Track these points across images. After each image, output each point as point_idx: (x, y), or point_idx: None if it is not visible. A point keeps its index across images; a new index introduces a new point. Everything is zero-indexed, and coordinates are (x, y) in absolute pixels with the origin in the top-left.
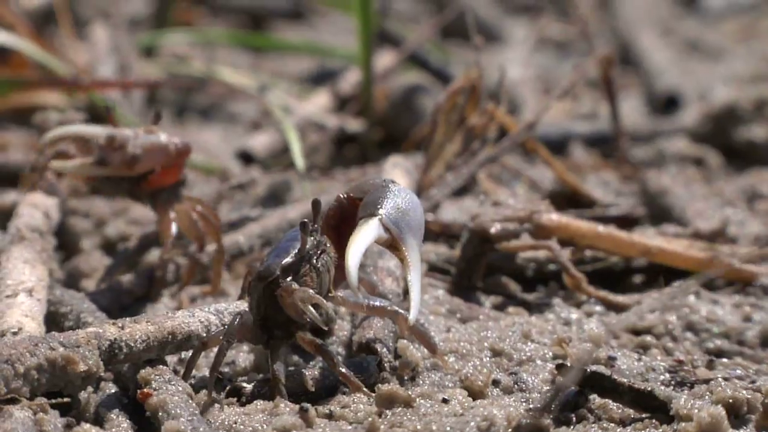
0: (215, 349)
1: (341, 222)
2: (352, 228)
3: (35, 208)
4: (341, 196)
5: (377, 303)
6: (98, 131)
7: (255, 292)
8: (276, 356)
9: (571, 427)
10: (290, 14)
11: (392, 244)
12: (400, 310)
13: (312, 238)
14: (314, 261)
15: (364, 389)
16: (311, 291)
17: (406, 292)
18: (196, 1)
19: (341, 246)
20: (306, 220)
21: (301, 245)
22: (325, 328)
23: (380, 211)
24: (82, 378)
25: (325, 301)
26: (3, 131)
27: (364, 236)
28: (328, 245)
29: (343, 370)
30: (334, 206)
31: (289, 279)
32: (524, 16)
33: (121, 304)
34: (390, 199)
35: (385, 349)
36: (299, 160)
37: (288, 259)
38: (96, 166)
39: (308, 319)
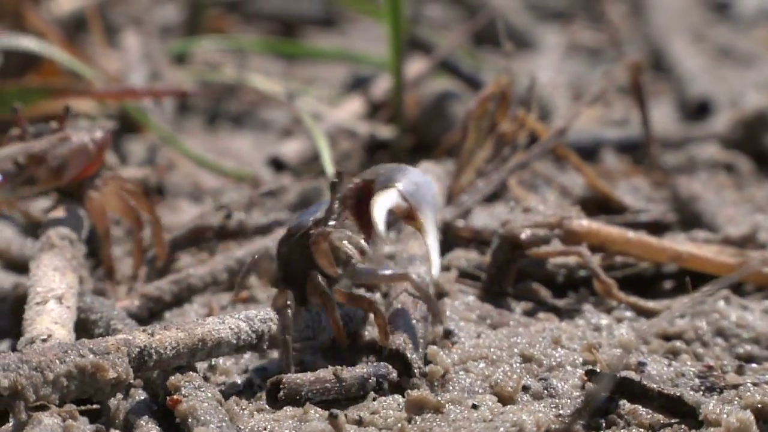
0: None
1: (357, 202)
2: (368, 206)
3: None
4: (356, 179)
5: (389, 272)
6: (12, 151)
7: (284, 246)
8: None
9: None
10: (322, 21)
11: (409, 214)
12: (412, 275)
13: (337, 202)
14: (342, 219)
15: (344, 340)
16: (347, 231)
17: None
18: (228, 8)
19: (359, 222)
20: (335, 180)
21: (330, 203)
22: (362, 261)
23: (397, 184)
24: (112, 385)
25: (361, 241)
26: None
27: (386, 199)
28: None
29: (339, 321)
30: (351, 188)
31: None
32: (555, 23)
33: (150, 310)
34: (405, 175)
35: (414, 355)
36: (329, 167)
37: (318, 215)
38: (26, 186)
39: (338, 273)
